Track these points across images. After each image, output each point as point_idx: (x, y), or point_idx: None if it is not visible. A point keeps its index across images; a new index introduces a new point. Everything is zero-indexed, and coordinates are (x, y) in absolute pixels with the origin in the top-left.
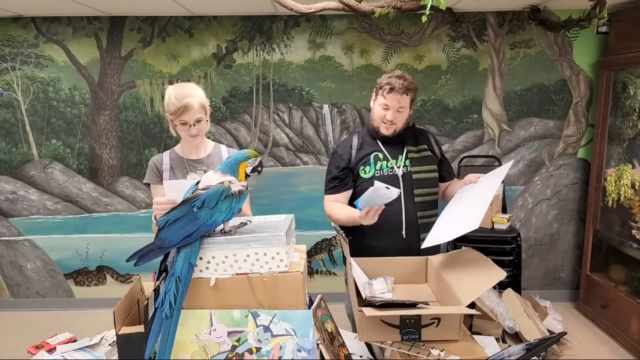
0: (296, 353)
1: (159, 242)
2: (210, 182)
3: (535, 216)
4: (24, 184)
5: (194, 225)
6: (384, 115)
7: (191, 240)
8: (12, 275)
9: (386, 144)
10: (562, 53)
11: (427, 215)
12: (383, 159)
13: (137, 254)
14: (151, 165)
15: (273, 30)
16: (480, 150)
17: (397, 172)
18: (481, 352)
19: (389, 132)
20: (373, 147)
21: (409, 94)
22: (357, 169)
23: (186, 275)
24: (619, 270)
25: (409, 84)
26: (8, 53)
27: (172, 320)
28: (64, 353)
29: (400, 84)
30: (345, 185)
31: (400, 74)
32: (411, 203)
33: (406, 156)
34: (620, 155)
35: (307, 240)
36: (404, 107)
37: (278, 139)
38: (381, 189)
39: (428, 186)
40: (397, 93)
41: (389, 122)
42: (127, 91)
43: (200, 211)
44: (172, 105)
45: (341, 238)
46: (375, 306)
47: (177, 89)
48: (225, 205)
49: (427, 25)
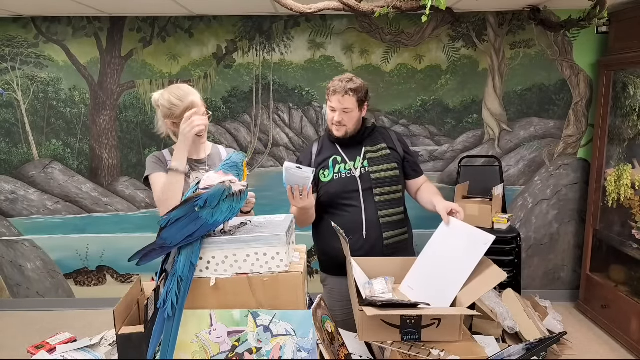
0: (296, 353)
1: (161, 242)
2: (211, 182)
3: (535, 216)
4: (24, 184)
5: (195, 225)
6: (332, 117)
7: (193, 240)
8: (12, 275)
9: (344, 146)
10: (562, 53)
11: (389, 214)
12: (341, 161)
13: (139, 254)
14: (152, 159)
15: (273, 30)
16: (480, 150)
17: (354, 174)
18: (481, 352)
19: (340, 133)
20: (331, 151)
21: (352, 95)
22: (317, 173)
23: (188, 275)
24: (619, 270)
25: (352, 85)
26: (8, 53)
27: (174, 320)
28: (64, 353)
29: (341, 86)
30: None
31: (345, 77)
32: (371, 203)
33: (364, 157)
34: (620, 155)
35: (307, 240)
36: (348, 108)
37: (278, 139)
38: (292, 168)
39: (388, 185)
40: (339, 94)
41: (338, 124)
42: (127, 91)
43: (202, 211)
44: (178, 107)
45: (341, 238)
46: (376, 306)
47: (175, 91)
48: (226, 205)
49: (427, 25)
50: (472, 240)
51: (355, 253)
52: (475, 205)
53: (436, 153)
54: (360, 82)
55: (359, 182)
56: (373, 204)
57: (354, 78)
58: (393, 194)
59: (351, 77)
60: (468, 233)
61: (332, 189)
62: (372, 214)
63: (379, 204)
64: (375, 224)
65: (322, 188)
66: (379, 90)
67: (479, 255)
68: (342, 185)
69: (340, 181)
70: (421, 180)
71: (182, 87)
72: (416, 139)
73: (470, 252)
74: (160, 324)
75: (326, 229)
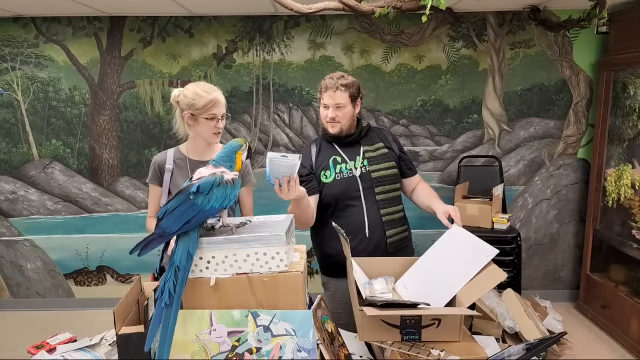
0: (296, 353)
1: (160, 231)
2: (202, 175)
3: (535, 216)
4: (24, 184)
5: (192, 212)
6: (326, 114)
7: (190, 227)
8: (12, 275)
9: (343, 146)
10: (562, 53)
11: (391, 212)
12: (341, 161)
13: (139, 245)
14: (154, 164)
15: (273, 30)
16: (480, 150)
17: (355, 174)
18: (481, 352)
19: (335, 130)
20: (331, 152)
21: (344, 90)
22: (318, 174)
23: (185, 265)
24: (619, 270)
25: (343, 81)
26: (8, 53)
27: (172, 308)
28: (64, 353)
29: (333, 82)
30: (313, 189)
31: (336, 74)
32: (372, 202)
33: (363, 156)
34: (620, 155)
35: (307, 240)
36: (341, 104)
37: (278, 139)
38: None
39: (388, 183)
40: (330, 90)
41: (332, 120)
42: (127, 91)
43: (197, 197)
44: (202, 98)
45: (341, 238)
46: (377, 306)
47: (201, 85)
48: (220, 191)
49: (427, 25)
50: (475, 251)
51: (359, 253)
52: (475, 205)
53: (436, 153)
54: (352, 78)
55: (359, 182)
56: (374, 203)
57: (345, 75)
58: (393, 192)
59: (342, 74)
60: (473, 244)
61: (334, 189)
62: (374, 213)
63: (380, 202)
64: (378, 223)
65: (324, 189)
66: (379, 91)
67: (480, 265)
68: (343, 186)
69: (342, 181)
70: (416, 179)
71: (207, 84)
72: (416, 139)
73: (471, 261)
74: (159, 314)
75: (327, 230)
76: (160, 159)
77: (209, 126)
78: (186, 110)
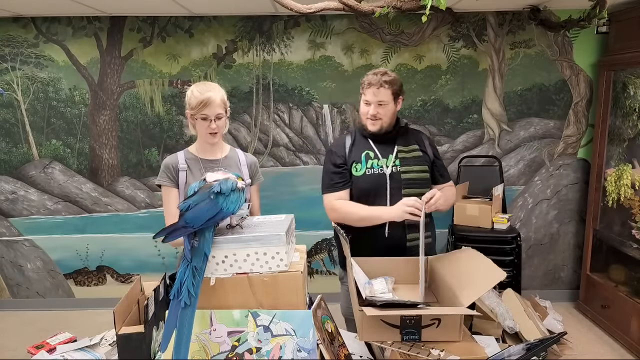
0: (296, 353)
1: (184, 223)
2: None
3: (535, 216)
4: (24, 184)
5: (215, 209)
6: (367, 111)
7: (211, 224)
8: (12, 275)
9: (377, 143)
10: (562, 53)
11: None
12: (374, 157)
13: (164, 231)
14: (167, 166)
15: (273, 30)
16: (481, 150)
17: (385, 172)
18: (481, 352)
19: (375, 127)
20: (365, 146)
21: (387, 87)
22: (349, 166)
23: (202, 266)
24: (619, 270)
25: (387, 78)
26: (8, 53)
27: (191, 308)
28: (64, 353)
29: (377, 79)
30: (347, 182)
31: (379, 70)
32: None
33: (396, 155)
34: (620, 155)
35: (307, 240)
36: (384, 101)
37: (278, 139)
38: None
39: (418, 186)
40: (374, 87)
41: (373, 117)
42: (127, 91)
43: (218, 197)
44: (195, 98)
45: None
46: (376, 306)
47: (200, 85)
48: (235, 196)
49: (427, 25)
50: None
51: (375, 251)
52: (475, 205)
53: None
54: (395, 75)
55: (388, 181)
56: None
57: (388, 71)
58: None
59: (385, 70)
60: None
61: (363, 183)
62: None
63: None
64: (400, 225)
65: (355, 182)
66: None
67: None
68: (371, 182)
69: (371, 177)
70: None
71: (207, 84)
72: None
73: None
74: (174, 315)
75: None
76: (172, 161)
77: (203, 126)
78: (187, 110)
